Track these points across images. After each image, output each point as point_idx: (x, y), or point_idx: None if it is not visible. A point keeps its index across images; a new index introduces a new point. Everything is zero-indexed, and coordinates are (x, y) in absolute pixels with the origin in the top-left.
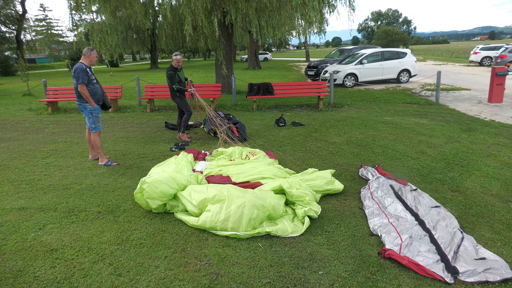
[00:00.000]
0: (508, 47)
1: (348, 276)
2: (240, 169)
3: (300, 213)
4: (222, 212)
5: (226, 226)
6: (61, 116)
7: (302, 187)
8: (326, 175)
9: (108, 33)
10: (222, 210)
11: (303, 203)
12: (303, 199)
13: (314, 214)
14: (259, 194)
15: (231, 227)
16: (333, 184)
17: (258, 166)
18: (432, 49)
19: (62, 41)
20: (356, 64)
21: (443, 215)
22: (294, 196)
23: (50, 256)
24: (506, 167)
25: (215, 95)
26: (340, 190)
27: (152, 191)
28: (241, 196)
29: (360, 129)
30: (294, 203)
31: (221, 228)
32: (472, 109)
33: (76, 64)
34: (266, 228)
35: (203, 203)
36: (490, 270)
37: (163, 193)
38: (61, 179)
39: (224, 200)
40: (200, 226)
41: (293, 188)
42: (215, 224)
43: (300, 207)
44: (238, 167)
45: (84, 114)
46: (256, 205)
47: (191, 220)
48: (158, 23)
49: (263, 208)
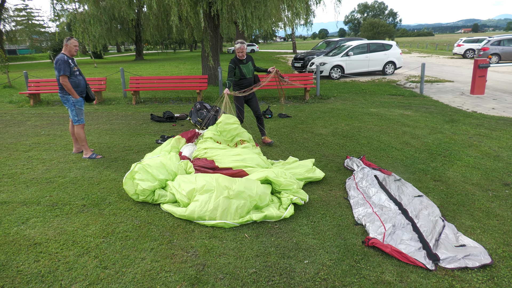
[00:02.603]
0: (490, 39)
1: (333, 265)
2: (225, 154)
3: (286, 201)
4: (211, 202)
5: (215, 216)
6: (44, 108)
7: (288, 176)
8: (307, 163)
9: (91, 24)
10: (211, 199)
11: (291, 192)
12: (291, 187)
13: (301, 201)
14: (246, 184)
15: (219, 216)
16: (314, 172)
17: (242, 153)
18: (417, 42)
19: (43, 31)
20: (342, 56)
21: (426, 204)
22: (282, 185)
23: (34, 250)
24: (486, 157)
25: (201, 87)
26: (321, 178)
27: (144, 172)
28: (229, 187)
29: (346, 120)
30: (280, 192)
31: (210, 218)
32: (455, 101)
33: (57, 55)
34: (253, 216)
35: (192, 193)
36: (470, 257)
37: (154, 177)
38: (44, 173)
39: (213, 190)
40: (187, 216)
41: (281, 178)
42: (204, 214)
43: (286, 195)
44: (223, 152)
45: (67, 107)
46: (243, 196)
47: (178, 211)
48: (143, 14)
49: (250, 198)
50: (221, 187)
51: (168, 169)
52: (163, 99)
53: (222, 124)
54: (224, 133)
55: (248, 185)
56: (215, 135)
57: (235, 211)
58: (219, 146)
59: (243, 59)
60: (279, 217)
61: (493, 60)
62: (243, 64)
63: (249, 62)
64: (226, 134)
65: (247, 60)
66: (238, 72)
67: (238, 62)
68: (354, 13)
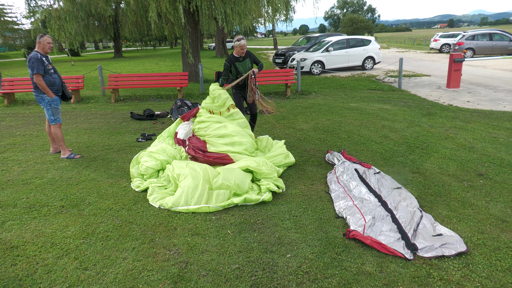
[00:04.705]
0: (465, 34)
1: (315, 258)
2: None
3: (264, 189)
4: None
5: (200, 201)
6: (19, 108)
7: (269, 165)
8: (283, 149)
9: (67, 20)
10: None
11: (272, 180)
12: (272, 175)
13: (279, 190)
14: (224, 176)
15: (204, 202)
16: (289, 158)
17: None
18: (396, 37)
19: (17, 28)
20: (322, 51)
21: (404, 195)
22: (264, 173)
23: (11, 254)
24: (462, 149)
25: (182, 84)
26: (294, 162)
27: (148, 156)
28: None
29: (326, 115)
30: (259, 180)
31: (195, 203)
32: (432, 94)
33: (31, 53)
34: (234, 200)
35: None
36: (446, 245)
37: (155, 158)
38: (20, 174)
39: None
40: (174, 202)
41: (263, 167)
42: (190, 200)
43: (265, 183)
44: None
45: (42, 106)
46: (222, 187)
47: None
48: (121, 10)
49: (228, 188)
50: (206, 178)
51: (168, 153)
52: (143, 96)
53: (212, 91)
54: (215, 99)
55: (226, 176)
56: (207, 104)
57: (216, 198)
58: (212, 118)
59: (240, 57)
60: (257, 200)
61: (468, 54)
62: (239, 62)
63: (246, 60)
64: (218, 99)
65: (244, 57)
66: (234, 70)
67: (234, 60)
68: (334, 9)
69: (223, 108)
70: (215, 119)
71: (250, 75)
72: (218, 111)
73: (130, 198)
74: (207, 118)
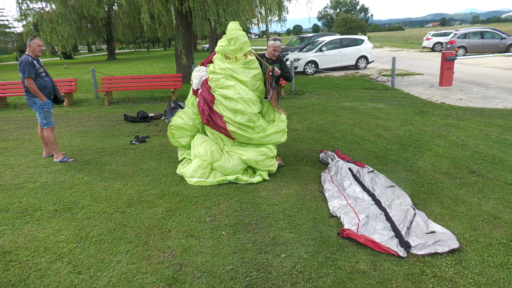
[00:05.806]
0: (457, 33)
1: (309, 257)
2: (223, 93)
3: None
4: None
5: (202, 177)
6: (11, 112)
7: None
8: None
9: (59, 23)
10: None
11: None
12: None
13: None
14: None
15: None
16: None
17: (238, 99)
18: (389, 36)
19: (8, 32)
20: (316, 51)
21: (398, 194)
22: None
23: (3, 259)
24: (454, 146)
25: (176, 86)
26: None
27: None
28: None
29: (320, 115)
30: None
31: (198, 177)
32: (424, 93)
33: (21, 56)
34: (228, 177)
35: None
36: (439, 242)
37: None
38: (13, 178)
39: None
40: (184, 172)
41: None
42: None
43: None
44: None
45: (34, 109)
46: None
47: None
48: (114, 12)
49: (225, 171)
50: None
51: (187, 122)
52: (136, 99)
53: (230, 30)
54: (232, 41)
55: (224, 164)
56: (222, 47)
57: (213, 175)
58: (224, 71)
59: (269, 59)
60: (247, 181)
61: (460, 52)
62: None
63: (275, 65)
64: (235, 42)
65: (274, 62)
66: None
67: (263, 59)
68: (327, 8)
69: (239, 54)
70: (226, 73)
71: (268, 71)
72: (234, 56)
73: (123, 201)
74: (219, 69)
